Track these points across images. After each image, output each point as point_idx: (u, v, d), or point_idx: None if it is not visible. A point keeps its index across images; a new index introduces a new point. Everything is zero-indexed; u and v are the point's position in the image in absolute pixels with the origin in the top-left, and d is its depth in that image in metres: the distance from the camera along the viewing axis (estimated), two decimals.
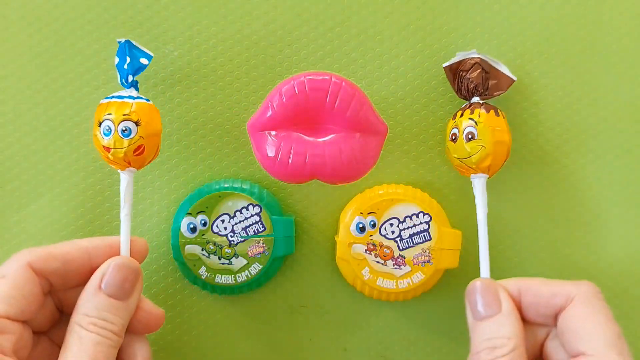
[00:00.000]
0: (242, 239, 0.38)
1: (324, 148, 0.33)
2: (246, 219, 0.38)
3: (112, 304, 0.32)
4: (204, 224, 0.38)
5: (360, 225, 0.38)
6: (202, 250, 0.38)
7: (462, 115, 0.36)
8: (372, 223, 0.38)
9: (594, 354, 0.30)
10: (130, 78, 0.37)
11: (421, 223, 0.38)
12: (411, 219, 0.38)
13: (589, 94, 0.40)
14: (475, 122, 0.36)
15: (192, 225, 0.38)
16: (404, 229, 0.38)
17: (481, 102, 0.37)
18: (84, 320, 0.32)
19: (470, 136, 0.36)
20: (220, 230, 0.38)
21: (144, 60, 0.37)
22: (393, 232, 0.38)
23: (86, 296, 0.32)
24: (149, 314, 0.34)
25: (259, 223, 0.38)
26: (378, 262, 0.38)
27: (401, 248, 0.38)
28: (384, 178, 0.40)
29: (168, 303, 0.40)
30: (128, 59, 0.36)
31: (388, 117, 0.40)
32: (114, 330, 0.32)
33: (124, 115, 0.34)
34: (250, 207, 0.38)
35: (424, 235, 0.38)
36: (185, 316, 0.41)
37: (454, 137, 0.36)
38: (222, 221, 0.38)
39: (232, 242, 0.38)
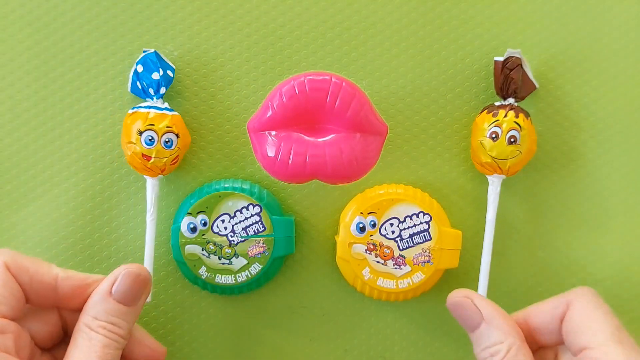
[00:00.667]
0: (242, 239, 0.38)
1: (325, 148, 0.33)
2: (246, 219, 0.38)
3: (121, 309, 0.33)
4: (204, 224, 0.38)
5: (361, 225, 0.38)
6: (202, 250, 0.38)
7: (505, 115, 0.37)
8: (372, 223, 0.38)
9: (594, 346, 0.31)
10: (162, 90, 0.38)
11: (421, 223, 0.38)
12: (411, 219, 0.38)
13: (596, 98, 0.40)
14: (520, 127, 0.37)
15: (192, 225, 0.38)
16: (404, 228, 0.38)
17: (515, 104, 0.38)
18: (93, 323, 0.33)
19: (512, 140, 0.37)
20: (220, 230, 0.38)
21: (169, 73, 0.38)
22: (393, 232, 0.38)
23: (96, 300, 0.33)
24: (152, 351, 0.36)
25: (259, 223, 0.38)
26: (378, 262, 0.38)
27: (401, 248, 0.38)
28: (384, 178, 0.40)
29: (168, 303, 0.40)
30: (161, 71, 0.38)
31: (388, 117, 0.40)
32: (121, 334, 0.33)
33: (167, 127, 0.37)
34: (251, 207, 0.38)
35: (424, 235, 0.38)
36: (186, 316, 0.41)
37: (494, 136, 0.37)
38: (222, 221, 0.38)
39: (232, 242, 0.38)
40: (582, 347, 0.32)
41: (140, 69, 0.38)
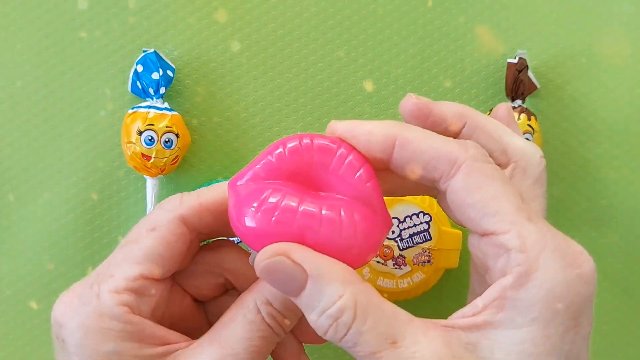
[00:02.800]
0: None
1: (321, 204, 0.26)
2: None
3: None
4: None
5: None
6: None
7: (519, 118, 0.38)
8: None
9: (503, 230, 0.24)
10: (162, 90, 0.38)
11: (421, 223, 0.38)
12: (411, 219, 0.38)
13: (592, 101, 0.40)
14: (533, 130, 0.37)
15: None
16: (404, 228, 0.38)
17: (523, 106, 0.39)
18: (264, 309, 0.27)
19: None
20: None
21: (169, 73, 0.38)
22: (393, 232, 0.38)
23: None
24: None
25: None
26: (378, 262, 0.38)
27: (401, 248, 0.38)
28: None
29: None
30: (161, 71, 0.38)
31: (388, 118, 0.40)
32: (286, 330, 0.28)
33: (167, 127, 0.37)
34: None
35: (424, 235, 0.38)
36: None
37: None
38: None
39: None
40: (485, 231, 0.25)
41: (140, 68, 0.38)
